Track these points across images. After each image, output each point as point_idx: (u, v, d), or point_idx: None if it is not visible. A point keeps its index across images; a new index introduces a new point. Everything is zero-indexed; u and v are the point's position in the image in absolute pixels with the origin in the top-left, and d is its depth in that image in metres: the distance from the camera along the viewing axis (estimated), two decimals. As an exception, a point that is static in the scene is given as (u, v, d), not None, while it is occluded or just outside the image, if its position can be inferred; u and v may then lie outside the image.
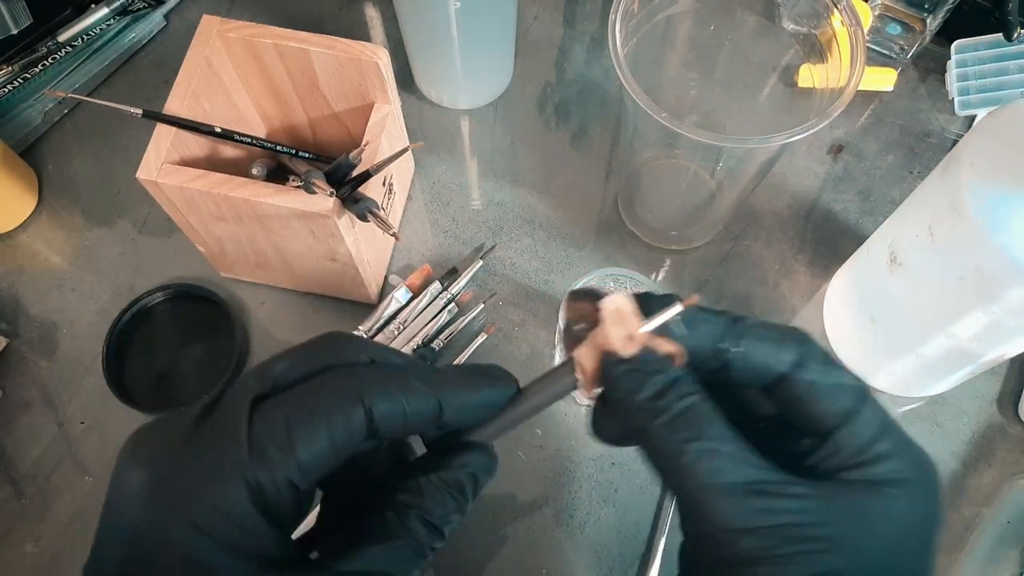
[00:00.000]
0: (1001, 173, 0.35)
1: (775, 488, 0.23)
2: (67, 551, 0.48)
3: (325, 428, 0.23)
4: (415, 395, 0.24)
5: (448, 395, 0.25)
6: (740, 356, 0.25)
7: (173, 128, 0.44)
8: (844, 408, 0.24)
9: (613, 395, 0.25)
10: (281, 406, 0.23)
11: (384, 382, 0.24)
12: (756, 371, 0.25)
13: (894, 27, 0.62)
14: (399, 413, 0.24)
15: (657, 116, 0.40)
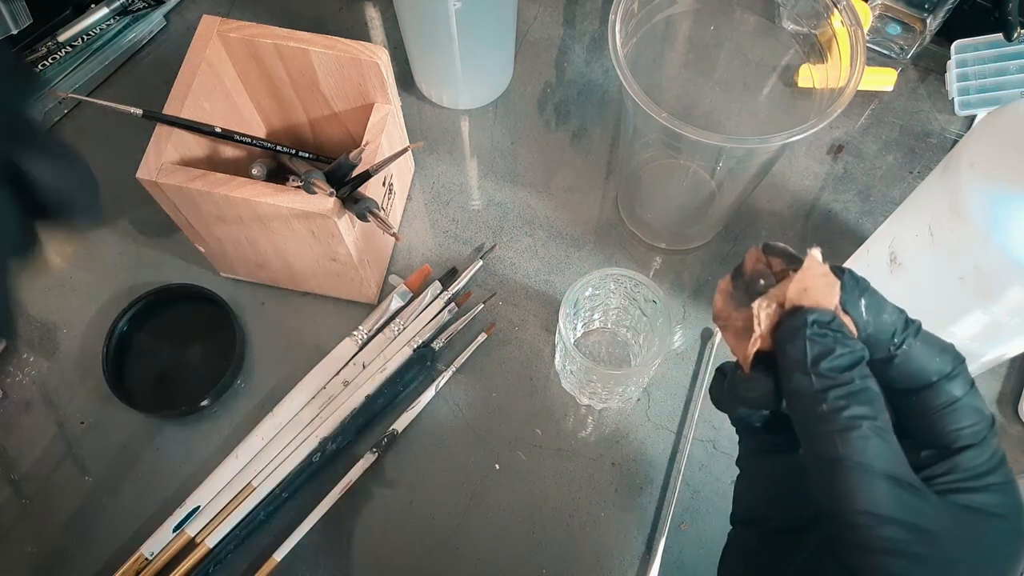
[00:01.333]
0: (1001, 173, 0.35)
1: (919, 489, 0.24)
2: (67, 551, 0.48)
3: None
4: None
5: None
6: (905, 355, 0.25)
7: (173, 128, 0.44)
8: (976, 431, 0.25)
9: (793, 352, 0.24)
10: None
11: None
12: (911, 373, 0.25)
13: (894, 27, 0.62)
14: None
15: (657, 116, 0.40)
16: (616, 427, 0.51)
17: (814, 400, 0.24)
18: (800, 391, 0.24)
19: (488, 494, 0.50)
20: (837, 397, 0.23)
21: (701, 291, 0.55)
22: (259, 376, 0.53)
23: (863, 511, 0.23)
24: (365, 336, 0.52)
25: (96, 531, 0.49)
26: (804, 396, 0.24)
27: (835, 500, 0.24)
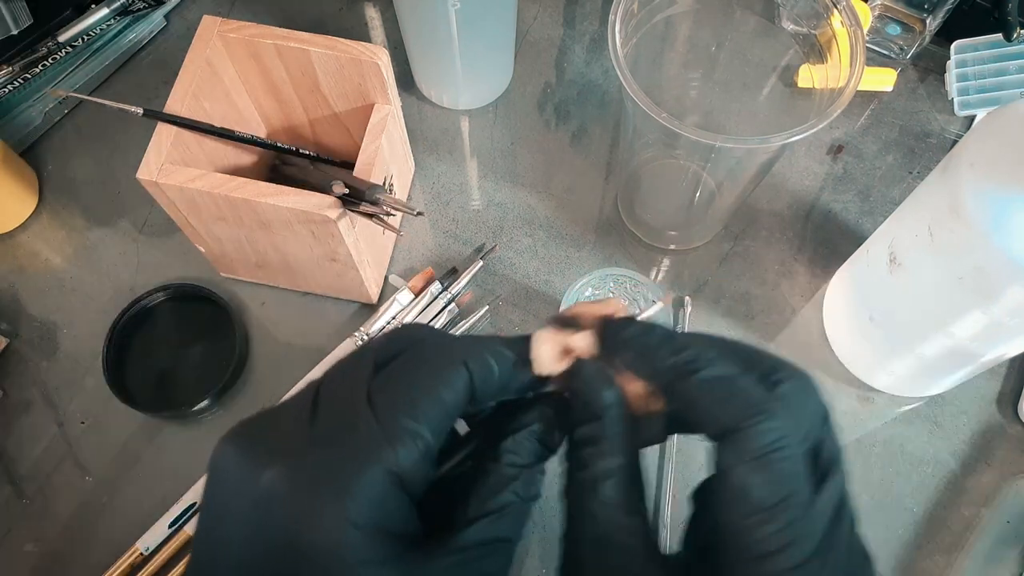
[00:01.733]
0: (1001, 173, 0.35)
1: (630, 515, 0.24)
2: (67, 551, 0.48)
3: (441, 391, 0.23)
4: (500, 356, 0.25)
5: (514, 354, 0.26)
6: (684, 397, 0.24)
7: (173, 128, 0.44)
8: (737, 518, 0.22)
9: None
10: (394, 380, 0.23)
11: (474, 344, 0.25)
12: (692, 420, 0.25)
13: (894, 27, 0.62)
14: (491, 372, 0.25)
15: (657, 116, 0.40)
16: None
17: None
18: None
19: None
20: (568, 455, 0.28)
21: (701, 291, 0.55)
22: (259, 376, 0.53)
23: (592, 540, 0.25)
24: (366, 337, 0.52)
25: (96, 531, 0.49)
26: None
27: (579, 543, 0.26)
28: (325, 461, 0.22)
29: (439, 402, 0.23)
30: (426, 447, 0.23)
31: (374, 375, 0.24)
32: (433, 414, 0.23)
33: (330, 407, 0.23)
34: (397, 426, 0.22)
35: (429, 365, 0.24)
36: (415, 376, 0.24)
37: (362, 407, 0.22)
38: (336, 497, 0.21)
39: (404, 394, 0.23)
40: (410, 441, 0.22)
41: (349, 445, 0.22)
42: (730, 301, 0.55)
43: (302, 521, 0.21)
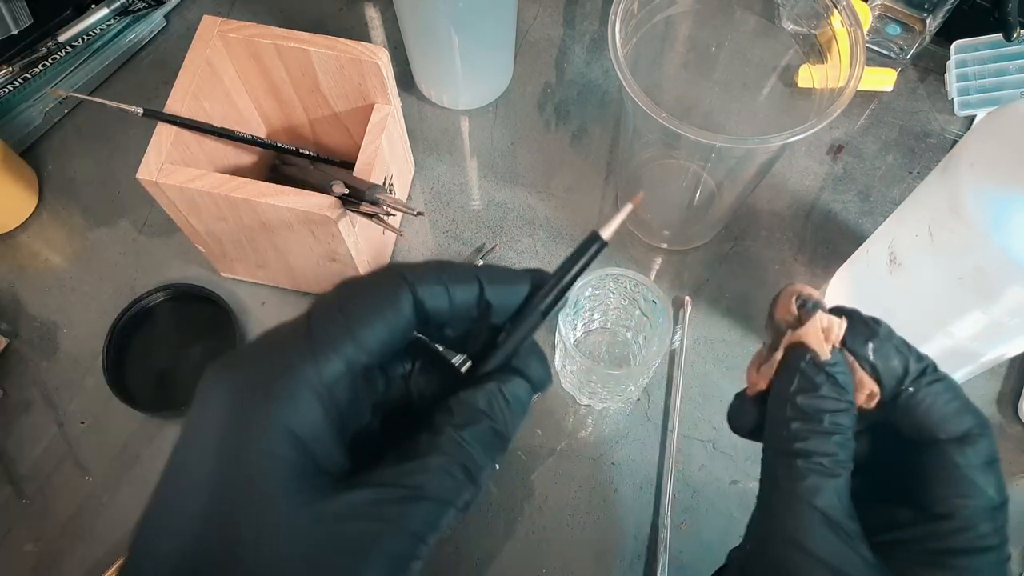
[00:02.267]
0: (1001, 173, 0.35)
1: (853, 539, 0.23)
2: (67, 551, 0.48)
3: (375, 307, 0.23)
4: (455, 273, 0.24)
5: (485, 274, 0.25)
6: (909, 401, 0.25)
7: (173, 128, 0.44)
8: (961, 504, 0.24)
9: (780, 383, 0.26)
10: (334, 296, 0.23)
11: (424, 266, 0.24)
12: (917, 424, 0.25)
13: (894, 27, 0.62)
14: (442, 291, 0.24)
15: (657, 116, 0.40)
16: (616, 427, 0.51)
17: (780, 426, 0.25)
18: (772, 417, 0.25)
19: (488, 494, 0.49)
20: (800, 428, 0.24)
21: (701, 291, 0.55)
22: (259, 376, 0.53)
23: (790, 539, 0.23)
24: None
25: (96, 531, 0.49)
26: (774, 422, 0.25)
27: (768, 521, 0.24)
28: (255, 372, 0.22)
29: (374, 319, 0.23)
30: (353, 362, 0.22)
31: None
32: (366, 331, 0.23)
33: (280, 327, 0.24)
34: (322, 339, 0.22)
35: (371, 284, 0.24)
36: (353, 293, 0.23)
37: (302, 321, 0.23)
38: (260, 403, 0.21)
39: (337, 309, 0.23)
40: (334, 355, 0.22)
41: (276, 357, 0.22)
42: (730, 301, 0.55)
43: (237, 429, 0.21)
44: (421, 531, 0.22)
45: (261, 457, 0.21)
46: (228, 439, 0.21)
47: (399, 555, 0.22)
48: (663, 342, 0.45)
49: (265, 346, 0.23)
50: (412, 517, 0.22)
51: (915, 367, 0.25)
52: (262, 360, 0.23)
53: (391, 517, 0.22)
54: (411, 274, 0.24)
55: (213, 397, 0.22)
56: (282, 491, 0.21)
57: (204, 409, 0.22)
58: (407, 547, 0.22)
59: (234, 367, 0.23)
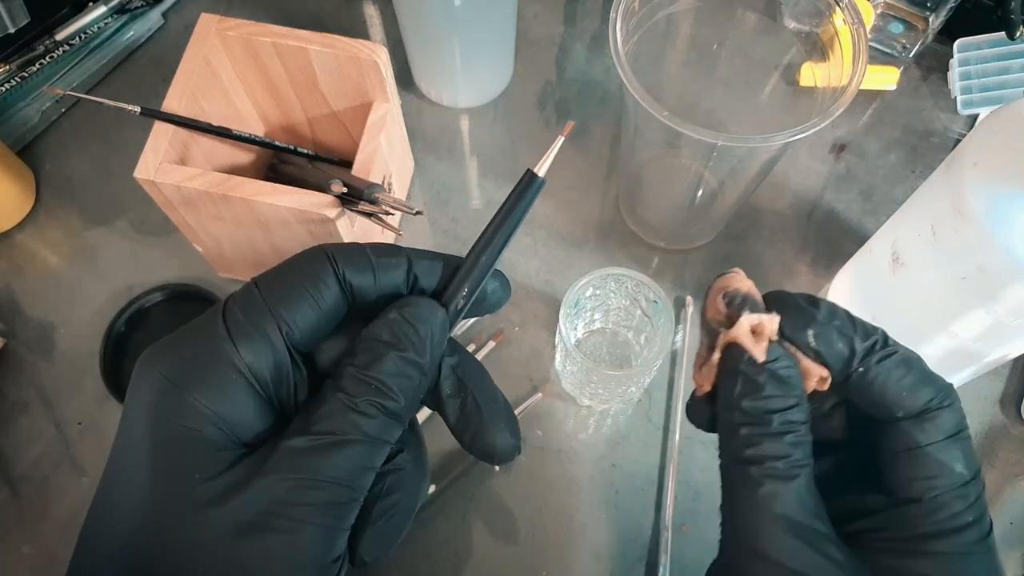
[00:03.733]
0: (1004, 172, 0.35)
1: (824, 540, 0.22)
2: (65, 552, 0.48)
3: (295, 283, 0.23)
4: (381, 252, 0.24)
5: (412, 251, 0.25)
6: (862, 379, 0.24)
7: (171, 127, 0.44)
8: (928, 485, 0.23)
9: (723, 388, 0.25)
10: (253, 280, 0.24)
11: (349, 246, 0.24)
12: (873, 402, 0.24)
13: (896, 25, 0.62)
14: (367, 268, 0.24)
15: (658, 115, 0.39)
16: (617, 428, 0.51)
17: (730, 432, 0.24)
18: (722, 423, 0.24)
19: (488, 495, 0.49)
20: (749, 434, 0.23)
21: (703, 290, 0.55)
22: (258, 376, 0.53)
23: (752, 550, 0.23)
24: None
25: (94, 532, 0.49)
26: (724, 428, 0.24)
27: (732, 532, 0.24)
28: (178, 357, 0.22)
29: (295, 295, 0.23)
30: (276, 341, 0.22)
31: None
32: (287, 309, 0.23)
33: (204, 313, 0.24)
34: (239, 318, 0.22)
35: (294, 263, 0.24)
36: (277, 273, 0.24)
37: (219, 304, 0.23)
38: (183, 382, 0.22)
39: (255, 288, 0.23)
40: (254, 333, 0.22)
41: (197, 341, 0.22)
42: (731, 301, 0.55)
43: (158, 416, 0.22)
44: (345, 476, 0.22)
45: (183, 436, 0.21)
46: (156, 424, 0.22)
47: (329, 504, 0.22)
48: (665, 343, 0.45)
49: (189, 331, 0.23)
50: (334, 464, 0.22)
51: (862, 345, 0.24)
52: (185, 343, 0.23)
53: (311, 469, 0.21)
54: (335, 250, 0.24)
55: (142, 385, 0.22)
56: (208, 472, 0.21)
57: (134, 397, 0.22)
58: (335, 495, 0.22)
59: (160, 354, 0.23)
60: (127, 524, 0.22)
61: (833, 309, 0.25)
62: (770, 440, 0.23)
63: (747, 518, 0.23)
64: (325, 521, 0.21)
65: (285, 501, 0.21)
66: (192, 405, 0.21)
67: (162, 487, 0.21)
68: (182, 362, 0.22)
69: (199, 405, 0.21)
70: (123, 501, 0.22)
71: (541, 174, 0.25)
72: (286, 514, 0.21)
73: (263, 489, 0.21)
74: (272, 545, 0.21)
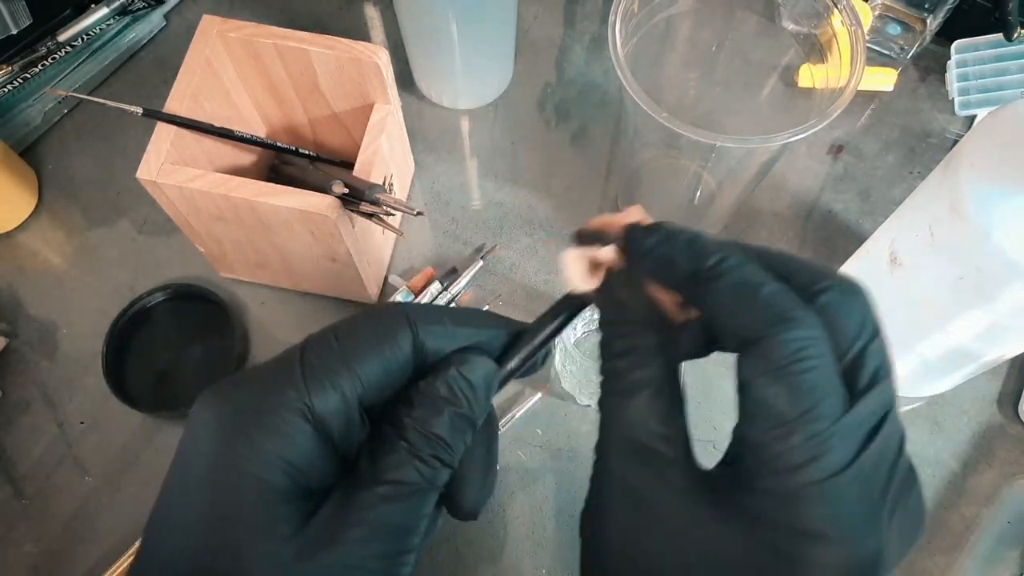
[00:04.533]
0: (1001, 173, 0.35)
1: (659, 463, 0.22)
2: (67, 551, 0.48)
3: (373, 341, 0.23)
4: (454, 316, 0.25)
5: (485, 319, 0.26)
6: (704, 309, 0.23)
7: (173, 128, 0.44)
8: (757, 431, 0.21)
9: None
10: (332, 330, 0.24)
11: (428, 308, 0.25)
12: (718, 332, 0.23)
13: (894, 27, 0.62)
14: (443, 331, 0.24)
15: (657, 116, 0.40)
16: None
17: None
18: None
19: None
20: (600, 354, 0.24)
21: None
22: (259, 376, 0.53)
23: (601, 466, 0.23)
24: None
25: (95, 531, 0.49)
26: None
27: (595, 455, 0.24)
28: (246, 399, 0.22)
29: (370, 351, 0.23)
30: (348, 394, 0.23)
31: None
32: (362, 363, 0.23)
33: (277, 357, 0.24)
34: (316, 369, 0.22)
35: (372, 318, 0.24)
36: (353, 325, 0.24)
37: (295, 351, 0.23)
38: (249, 426, 0.22)
39: (333, 338, 0.23)
40: (329, 386, 0.22)
41: (268, 384, 0.23)
42: (730, 301, 0.55)
43: (224, 453, 0.22)
44: (412, 523, 0.22)
45: (249, 484, 0.21)
46: (217, 467, 0.22)
47: (398, 551, 0.22)
48: (663, 342, 0.45)
49: (259, 373, 0.23)
50: (404, 512, 0.22)
51: (690, 269, 0.23)
52: (254, 387, 0.23)
53: (385, 517, 0.22)
54: (414, 311, 0.24)
55: (204, 423, 0.22)
56: (270, 519, 0.21)
57: (195, 434, 0.23)
58: (404, 543, 0.22)
59: (226, 393, 0.23)
60: (178, 565, 0.22)
61: (671, 232, 0.25)
62: (611, 360, 0.24)
63: (600, 440, 0.23)
64: (392, 569, 0.22)
65: (355, 552, 0.21)
66: (258, 446, 0.21)
67: (219, 532, 0.21)
68: (251, 402, 0.22)
69: (266, 447, 0.21)
70: (175, 538, 0.22)
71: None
72: (364, 566, 0.21)
73: (332, 534, 0.21)
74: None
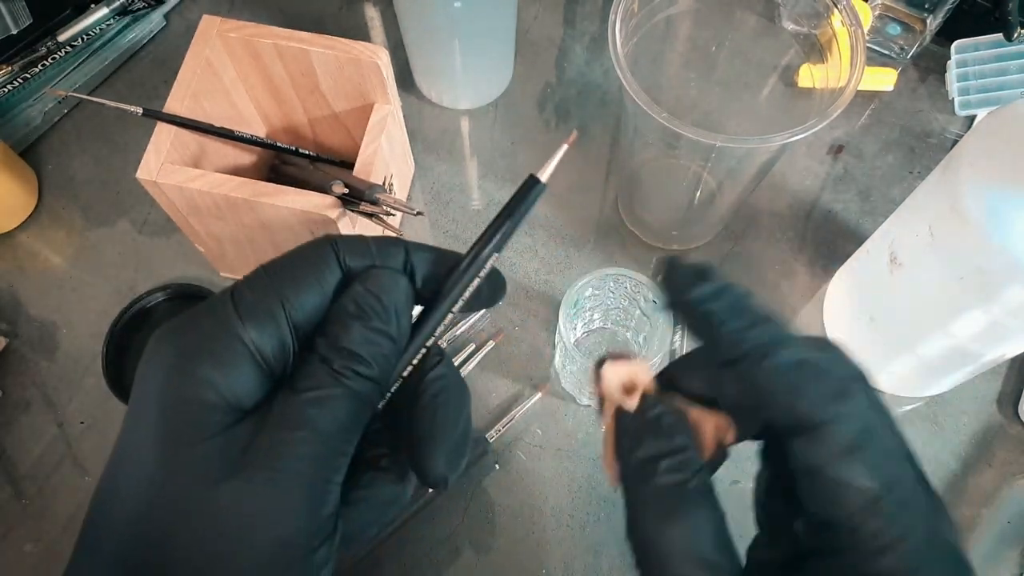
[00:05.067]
0: (1001, 173, 0.35)
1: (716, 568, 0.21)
2: (67, 551, 0.48)
3: (300, 270, 0.24)
4: (382, 242, 0.26)
5: (412, 244, 0.26)
6: (747, 391, 0.22)
7: (173, 128, 0.44)
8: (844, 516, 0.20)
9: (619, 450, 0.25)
10: (262, 268, 0.25)
11: (352, 237, 0.26)
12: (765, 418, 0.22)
13: (894, 27, 0.62)
14: (367, 255, 0.25)
15: (657, 116, 0.40)
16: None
17: (631, 486, 0.23)
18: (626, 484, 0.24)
19: (487, 493, 0.49)
20: (633, 482, 0.23)
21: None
22: (259, 376, 0.53)
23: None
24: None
25: (96, 531, 0.49)
26: (628, 488, 0.24)
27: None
28: (189, 333, 0.23)
29: (302, 282, 0.24)
30: (279, 322, 0.23)
31: None
32: (295, 294, 0.24)
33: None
34: (250, 301, 0.23)
35: (298, 249, 0.25)
36: (283, 257, 0.25)
37: (228, 288, 0.24)
38: (191, 356, 0.23)
39: (263, 271, 0.24)
40: (264, 316, 0.23)
41: (206, 318, 0.24)
42: (730, 301, 0.55)
43: (173, 381, 0.23)
44: (332, 430, 0.23)
45: (192, 404, 0.22)
46: (164, 395, 0.23)
47: (321, 456, 0.22)
48: (663, 342, 0.45)
49: (199, 311, 0.24)
50: (320, 416, 0.23)
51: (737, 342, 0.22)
52: (196, 323, 0.24)
53: (300, 422, 0.22)
54: (338, 239, 0.25)
55: (152, 360, 0.23)
56: (211, 431, 0.22)
57: (144, 372, 0.23)
58: (327, 448, 0.23)
59: (171, 331, 0.24)
60: (137, 487, 0.22)
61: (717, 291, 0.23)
62: (653, 478, 0.22)
63: (642, 568, 0.22)
64: (318, 473, 0.22)
65: (282, 454, 0.22)
66: (200, 376, 0.22)
67: (169, 452, 0.22)
68: (192, 338, 0.23)
69: (207, 376, 0.22)
70: (132, 468, 0.23)
71: (544, 179, 0.26)
72: (284, 467, 0.22)
73: (262, 443, 0.22)
74: (271, 495, 0.22)
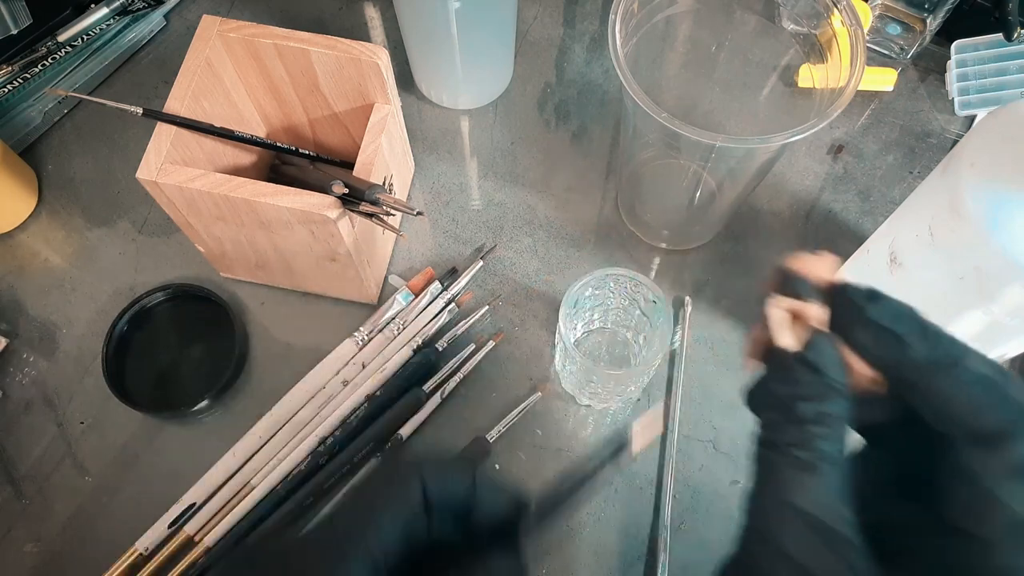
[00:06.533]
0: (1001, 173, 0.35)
1: (838, 544, 0.20)
2: (67, 551, 0.48)
3: (388, 504, 0.23)
4: (460, 470, 0.25)
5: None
6: (930, 395, 0.22)
7: (173, 128, 0.44)
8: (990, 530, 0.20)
9: (771, 377, 0.24)
10: (349, 494, 0.24)
11: (434, 461, 0.25)
12: (937, 420, 0.22)
13: (894, 27, 0.62)
14: (451, 483, 0.24)
15: (657, 116, 0.40)
16: (616, 428, 0.51)
17: (763, 416, 0.23)
18: (759, 407, 0.24)
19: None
20: (776, 419, 0.22)
21: (701, 291, 0.55)
22: (259, 376, 0.53)
23: (764, 538, 0.21)
24: (365, 337, 0.52)
25: (96, 531, 0.49)
26: (759, 412, 0.24)
27: (748, 519, 0.22)
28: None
29: (385, 517, 0.23)
30: (377, 560, 0.22)
31: None
32: (381, 530, 0.23)
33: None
34: (337, 544, 0.22)
35: (383, 482, 0.24)
36: (364, 492, 0.24)
37: (318, 528, 0.23)
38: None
39: (349, 510, 0.23)
40: (361, 558, 0.22)
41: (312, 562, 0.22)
42: (730, 301, 0.55)
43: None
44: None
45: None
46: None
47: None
48: (663, 342, 0.45)
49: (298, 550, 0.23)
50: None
51: (925, 355, 0.22)
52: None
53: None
54: (423, 468, 0.24)
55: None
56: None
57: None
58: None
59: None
60: None
61: (894, 309, 0.23)
62: (794, 428, 0.22)
63: (767, 509, 0.21)
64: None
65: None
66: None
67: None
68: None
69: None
70: None
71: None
72: None
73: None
74: None
